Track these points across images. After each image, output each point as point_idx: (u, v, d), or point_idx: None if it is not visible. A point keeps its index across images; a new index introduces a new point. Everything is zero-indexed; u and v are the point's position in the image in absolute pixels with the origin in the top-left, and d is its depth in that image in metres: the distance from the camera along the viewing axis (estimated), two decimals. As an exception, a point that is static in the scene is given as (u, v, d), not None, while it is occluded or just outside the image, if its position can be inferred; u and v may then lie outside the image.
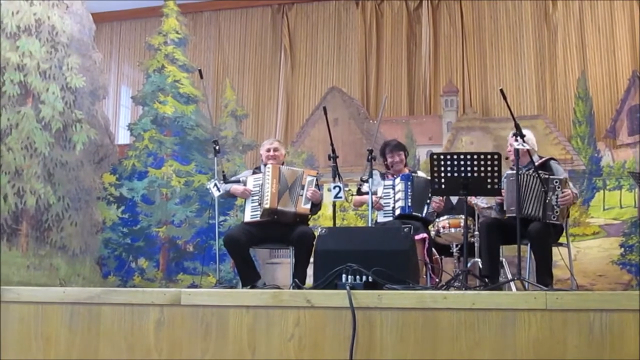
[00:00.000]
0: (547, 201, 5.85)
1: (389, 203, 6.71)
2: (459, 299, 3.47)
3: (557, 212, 5.87)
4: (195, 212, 9.65)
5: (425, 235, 6.37)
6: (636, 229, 8.70)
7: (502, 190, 5.92)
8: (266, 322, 3.66)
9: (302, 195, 6.42)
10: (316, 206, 6.62)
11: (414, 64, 10.44)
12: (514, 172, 5.73)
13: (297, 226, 6.34)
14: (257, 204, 6.41)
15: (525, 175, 5.92)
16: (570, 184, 6.19)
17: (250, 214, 6.46)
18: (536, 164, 6.13)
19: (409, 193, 6.60)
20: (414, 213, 6.54)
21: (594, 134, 9.22)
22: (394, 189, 6.72)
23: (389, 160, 6.95)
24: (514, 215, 5.51)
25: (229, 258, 8.59)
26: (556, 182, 5.90)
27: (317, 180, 6.62)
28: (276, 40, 11.05)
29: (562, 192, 5.87)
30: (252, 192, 6.47)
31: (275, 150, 6.74)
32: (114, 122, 11.27)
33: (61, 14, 9.05)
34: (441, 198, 6.66)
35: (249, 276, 6.30)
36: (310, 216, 6.64)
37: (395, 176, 6.81)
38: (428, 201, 6.60)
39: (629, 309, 3.24)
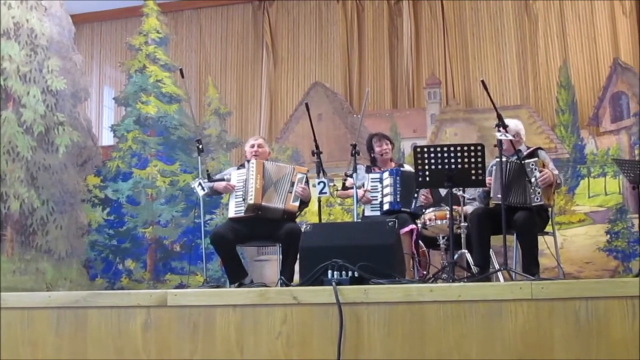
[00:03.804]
0: (530, 188, 5.86)
1: (376, 197, 6.70)
2: (445, 292, 3.47)
3: (538, 192, 5.87)
4: (181, 211, 9.62)
5: (413, 226, 6.37)
6: (621, 215, 8.75)
7: (489, 178, 5.95)
8: (253, 320, 3.65)
9: (291, 192, 6.40)
10: (304, 203, 6.61)
11: (396, 58, 10.45)
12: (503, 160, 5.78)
13: (284, 223, 6.31)
14: (241, 199, 6.38)
15: (510, 164, 5.93)
16: (552, 165, 6.21)
17: (234, 210, 6.44)
18: (525, 153, 6.17)
19: (398, 188, 6.60)
20: (402, 209, 6.54)
21: (577, 122, 9.25)
22: (381, 182, 6.71)
23: (377, 149, 6.92)
24: (500, 202, 5.55)
25: (216, 257, 8.53)
26: (532, 164, 5.91)
27: (307, 177, 6.59)
28: (258, 37, 11.03)
29: (541, 173, 5.88)
30: (236, 188, 6.45)
31: (260, 146, 6.72)
32: (97, 123, 11.24)
33: (40, 16, 8.99)
34: (428, 192, 6.66)
35: (236, 273, 6.29)
36: (298, 213, 6.63)
37: (383, 170, 6.80)
38: (416, 195, 6.59)
39: (614, 296, 3.25)
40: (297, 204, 6.43)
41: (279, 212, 6.38)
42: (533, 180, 5.82)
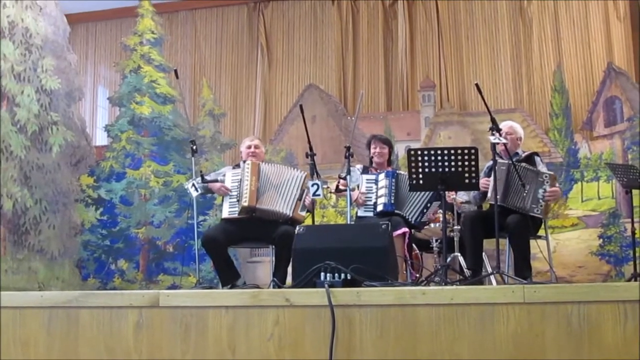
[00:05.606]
0: (526, 193, 5.85)
1: (370, 198, 6.69)
2: (437, 295, 3.46)
3: (541, 205, 5.87)
4: (175, 212, 9.59)
5: (405, 229, 6.33)
6: (614, 219, 8.77)
7: (486, 179, 5.95)
8: (245, 322, 3.64)
9: (300, 200, 6.32)
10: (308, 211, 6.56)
11: (391, 60, 10.47)
12: (504, 162, 5.79)
13: (278, 225, 6.25)
14: (235, 200, 6.31)
15: (521, 168, 5.91)
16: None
17: (228, 210, 6.38)
18: (521, 157, 6.18)
19: (393, 190, 6.59)
20: (396, 211, 6.53)
21: (571, 126, 9.28)
22: (376, 184, 6.69)
23: (372, 151, 6.91)
24: (497, 203, 5.56)
25: (209, 258, 8.57)
26: (546, 176, 5.91)
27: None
28: (253, 39, 11.05)
29: (551, 188, 5.88)
30: (231, 187, 6.40)
31: (256, 147, 6.67)
32: (91, 123, 11.22)
33: (35, 15, 8.97)
34: (436, 210, 6.65)
35: (229, 276, 6.24)
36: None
37: (379, 171, 6.80)
38: (425, 210, 6.56)
39: (606, 301, 3.25)
40: (304, 213, 6.36)
41: (283, 217, 6.30)
42: (540, 192, 5.82)
